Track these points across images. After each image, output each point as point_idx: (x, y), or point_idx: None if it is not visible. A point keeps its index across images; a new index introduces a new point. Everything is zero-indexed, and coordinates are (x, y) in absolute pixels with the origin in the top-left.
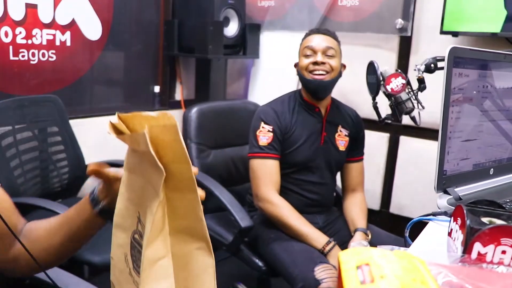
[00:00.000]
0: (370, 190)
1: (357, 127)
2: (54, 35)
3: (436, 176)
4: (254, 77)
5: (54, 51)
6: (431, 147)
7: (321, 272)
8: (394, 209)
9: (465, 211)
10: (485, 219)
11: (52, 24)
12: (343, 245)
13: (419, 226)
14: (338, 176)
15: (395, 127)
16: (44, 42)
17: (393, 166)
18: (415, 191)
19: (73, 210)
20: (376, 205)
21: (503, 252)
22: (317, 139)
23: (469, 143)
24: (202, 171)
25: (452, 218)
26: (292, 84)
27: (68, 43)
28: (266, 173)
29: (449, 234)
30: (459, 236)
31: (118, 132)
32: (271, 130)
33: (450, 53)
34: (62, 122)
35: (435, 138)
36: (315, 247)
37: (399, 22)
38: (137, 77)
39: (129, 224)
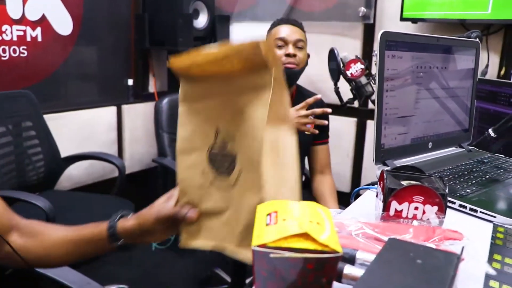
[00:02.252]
0: (340, 173)
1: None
2: (24, 31)
3: (374, 149)
4: None
5: (25, 47)
6: None
7: None
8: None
9: (385, 175)
10: (404, 182)
11: (22, 20)
12: None
13: None
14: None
15: (362, 112)
16: (15, 38)
17: (362, 149)
18: None
19: (89, 233)
20: (346, 187)
21: (416, 208)
22: None
23: (406, 119)
24: (175, 159)
25: (378, 183)
26: None
27: (39, 39)
28: None
29: (377, 196)
30: (381, 197)
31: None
32: None
33: (382, 37)
34: (36, 117)
35: None
36: None
37: (362, 10)
38: (111, 71)
39: (200, 144)
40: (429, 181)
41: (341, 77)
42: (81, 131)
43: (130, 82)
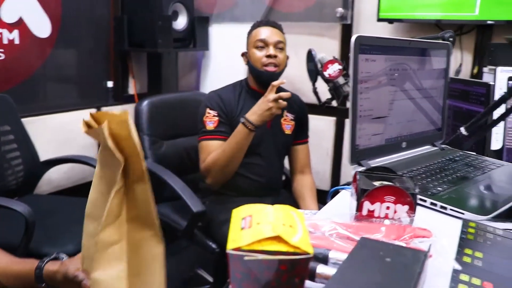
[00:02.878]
0: (320, 172)
1: (301, 111)
2: (1, 34)
3: (349, 151)
4: (205, 69)
5: (2, 50)
6: None
7: None
8: None
9: (358, 176)
10: (376, 182)
11: None
12: None
13: None
14: (286, 160)
15: (341, 111)
16: None
17: (341, 147)
18: None
19: (19, 269)
20: (326, 185)
21: (388, 207)
22: (264, 123)
23: (380, 120)
24: (156, 162)
25: (352, 183)
26: (241, 73)
27: (17, 41)
28: (211, 151)
29: (351, 196)
30: (354, 197)
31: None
32: (216, 115)
33: (356, 41)
34: (14, 120)
35: None
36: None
37: (340, 11)
38: (90, 73)
39: (99, 214)
40: (400, 181)
41: (319, 77)
42: (60, 134)
43: (110, 84)
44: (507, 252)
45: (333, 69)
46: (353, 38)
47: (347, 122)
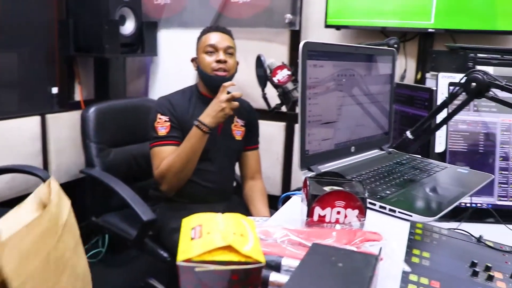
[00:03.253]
0: (270, 177)
1: (252, 117)
2: None
3: (299, 156)
4: (154, 75)
5: None
6: None
7: None
8: None
9: (308, 182)
10: (326, 188)
11: None
12: None
13: None
14: (237, 166)
15: (290, 116)
16: None
17: (291, 153)
18: None
19: None
20: (277, 190)
21: (338, 212)
22: (215, 129)
23: (329, 125)
24: (104, 170)
25: (302, 189)
26: (191, 79)
27: None
28: (164, 157)
29: (302, 202)
30: (305, 203)
31: None
32: (167, 120)
33: (303, 47)
34: None
35: None
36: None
37: (288, 17)
38: (33, 79)
39: None
40: (350, 186)
41: (269, 83)
42: (1, 143)
43: (55, 90)
44: (452, 251)
45: (282, 75)
46: (301, 44)
47: (297, 127)
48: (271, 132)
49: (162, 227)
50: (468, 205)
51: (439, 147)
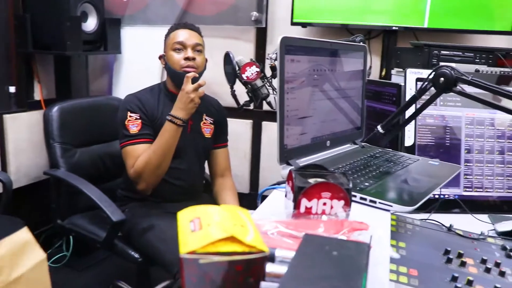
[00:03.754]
0: (239, 175)
1: (220, 115)
2: None
3: (278, 151)
4: (117, 73)
5: None
6: None
7: None
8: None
9: (293, 174)
10: (311, 180)
11: None
12: None
13: None
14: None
15: (257, 113)
16: None
17: (258, 150)
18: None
19: None
20: (245, 188)
21: (324, 203)
22: (184, 127)
23: (305, 120)
24: (69, 171)
25: (286, 182)
26: (156, 77)
27: None
28: (138, 155)
29: (286, 196)
30: (291, 196)
31: None
32: (138, 117)
33: (282, 42)
34: None
35: None
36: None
37: (254, 14)
38: None
39: None
40: (334, 177)
41: (237, 80)
42: None
43: (12, 89)
44: (426, 241)
45: (251, 72)
46: (279, 39)
47: (264, 125)
48: (238, 130)
49: (132, 228)
50: (437, 196)
51: (408, 140)
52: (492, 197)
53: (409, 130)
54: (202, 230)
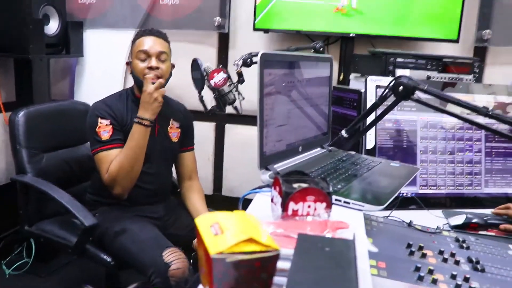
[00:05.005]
0: (202, 177)
1: (187, 119)
2: None
3: (258, 157)
4: (79, 76)
5: None
6: (253, 132)
7: (169, 255)
8: (226, 191)
9: (281, 181)
10: (295, 185)
11: None
12: (184, 230)
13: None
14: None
15: (220, 116)
16: None
17: (221, 152)
18: (243, 172)
19: None
20: (209, 190)
21: (309, 206)
22: (152, 132)
23: (281, 128)
24: (37, 176)
25: (273, 187)
26: (117, 81)
27: None
28: (111, 160)
29: (272, 200)
30: (278, 200)
31: None
32: (109, 123)
33: (261, 57)
34: None
35: (256, 124)
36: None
37: (217, 19)
38: None
39: None
40: (315, 182)
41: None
42: None
43: None
44: (390, 236)
45: (218, 78)
46: (259, 55)
47: (227, 127)
48: (201, 132)
49: (104, 232)
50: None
51: (370, 143)
52: (444, 194)
53: (370, 133)
54: (224, 234)
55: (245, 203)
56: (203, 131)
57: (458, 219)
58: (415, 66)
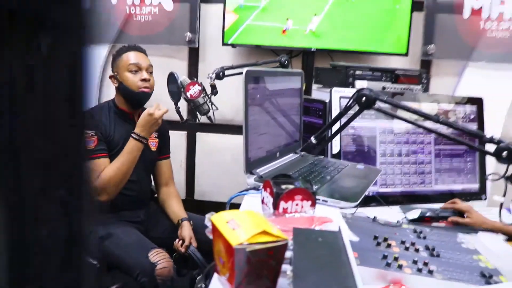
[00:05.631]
0: (176, 182)
1: (163, 129)
2: None
3: (244, 163)
4: None
5: None
6: (223, 139)
7: (154, 256)
8: (198, 196)
9: (271, 183)
10: (283, 186)
11: None
12: (164, 232)
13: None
14: None
15: (192, 125)
16: None
17: (193, 159)
18: (214, 178)
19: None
20: (182, 194)
21: (297, 204)
22: None
23: (262, 136)
24: None
25: (263, 189)
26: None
27: None
28: (98, 170)
29: (262, 201)
30: (269, 200)
31: None
32: (93, 134)
33: (246, 74)
34: None
35: (227, 132)
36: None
37: (188, 35)
38: None
39: None
40: (300, 183)
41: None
42: None
43: None
44: (358, 230)
45: (194, 90)
46: (244, 72)
47: (198, 135)
48: (174, 141)
49: (87, 236)
50: None
51: (335, 148)
52: (399, 192)
53: (336, 139)
54: (240, 228)
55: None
56: (176, 139)
57: (414, 213)
58: (372, 77)
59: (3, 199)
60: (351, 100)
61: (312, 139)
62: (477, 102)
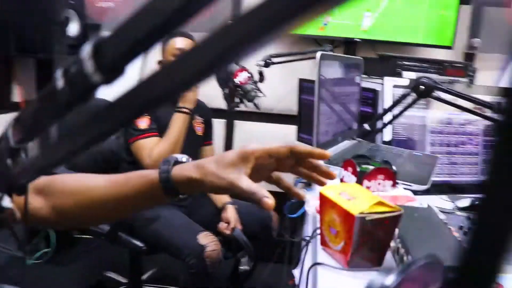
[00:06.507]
0: None
1: (208, 115)
2: None
3: (315, 145)
4: None
5: None
6: (263, 128)
7: (203, 238)
8: None
9: (355, 163)
10: (364, 166)
11: None
12: (207, 216)
13: None
14: None
15: (230, 113)
16: None
17: (231, 147)
18: None
19: (134, 190)
20: None
21: (379, 184)
22: None
23: (328, 121)
24: (69, 169)
25: (343, 169)
26: (134, 79)
27: None
28: (151, 147)
29: (342, 180)
30: (351, 179)
31: None
32: (146, 114)
33: (320, 57)
34: None
35: (267, 121)
36: None
37: None
38: None
39: None
40: (380, 163)
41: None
42: None
43: None
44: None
45: (242, 77)
46: (318, 55)
47: (237, 124)
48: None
49: (136, 219)
50: None
51: (387, 136)
52: (447, 181)
53: (388, 127)
54: (356, 199)
55: None
56: (215, 127)
57: (464, 202)
58: (419, 69)
59: None
60: (410, 89)
61: (366, 126)
62: None
